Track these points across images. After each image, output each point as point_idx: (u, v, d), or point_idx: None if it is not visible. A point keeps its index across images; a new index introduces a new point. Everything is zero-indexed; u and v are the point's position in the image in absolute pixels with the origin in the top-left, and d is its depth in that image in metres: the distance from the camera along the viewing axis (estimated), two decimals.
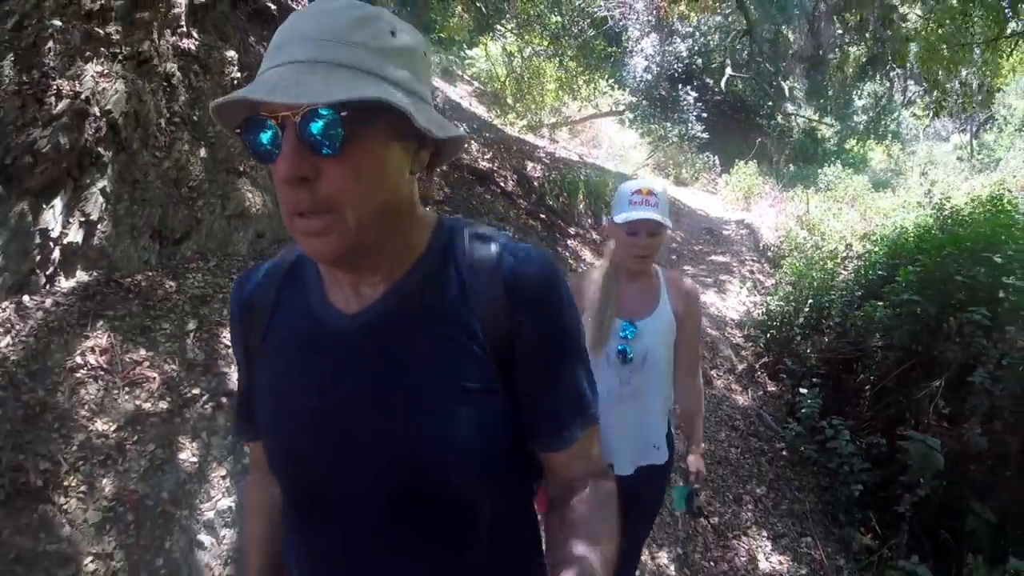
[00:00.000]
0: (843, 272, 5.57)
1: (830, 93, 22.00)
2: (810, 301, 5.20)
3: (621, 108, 14.24)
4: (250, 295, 0.88)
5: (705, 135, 17.46)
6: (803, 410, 4.26)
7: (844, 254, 5.79)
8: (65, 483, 1.93)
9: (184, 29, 3.83)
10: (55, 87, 2.80)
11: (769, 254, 8.77)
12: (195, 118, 3.52)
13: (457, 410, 0.77)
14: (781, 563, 3.20)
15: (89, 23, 3.08)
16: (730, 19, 16.99)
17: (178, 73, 3.53)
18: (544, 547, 0.85)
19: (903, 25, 7.14)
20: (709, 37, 18.80)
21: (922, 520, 3.55)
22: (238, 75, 4.07)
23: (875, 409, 4.14)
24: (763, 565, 3.15)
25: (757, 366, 5.40)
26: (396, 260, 0.79)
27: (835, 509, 3.81)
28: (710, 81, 19.24)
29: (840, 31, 13.95)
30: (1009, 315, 3.65)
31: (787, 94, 21.95)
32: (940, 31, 5.09)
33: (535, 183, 7.75)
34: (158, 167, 3.15)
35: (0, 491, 1.84)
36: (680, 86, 18.16)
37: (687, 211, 12.04)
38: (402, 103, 0.67)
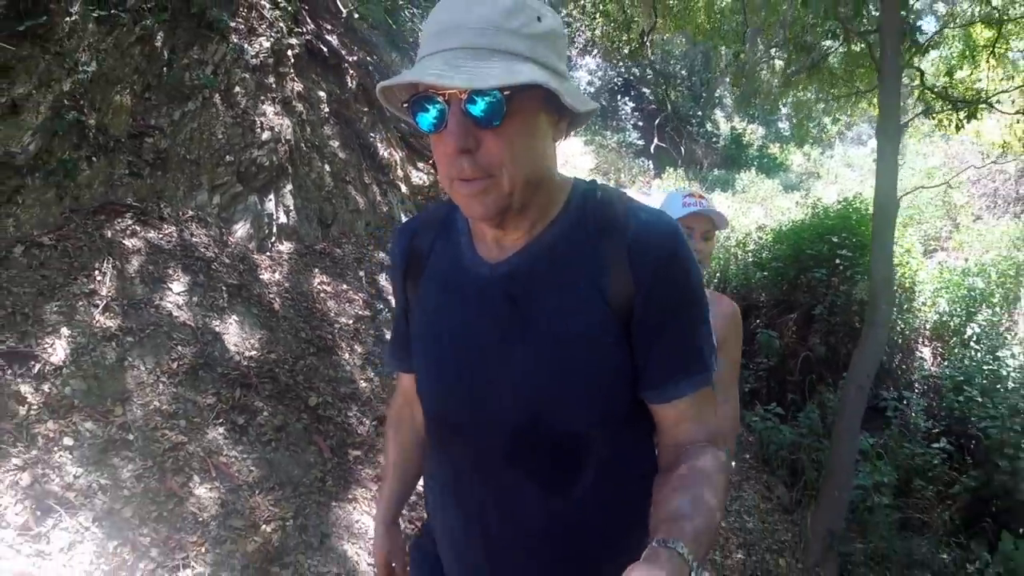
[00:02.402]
0: (741, 253, 7.94)
1: (757, 101, 24.99)
2: (717, 274, 7.52)
3: None
4: (410, 244, 1.06)
5: (640, 142, 19.96)
6: None
7: (743, 241, 8.15)
8: (340, 344, 3.80)
9: (292, 75, 5.62)
10: (259, 122, 4.58)
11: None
12: (316, 143, 5.33)
13: (578, 354, 0.90)
14: None
15: (255, 75, 4.86)
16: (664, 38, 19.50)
17: (303, 111, 5.33)
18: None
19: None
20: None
21: (791, 402, 5.80)
22: (327, 109, 5.86)
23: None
24: None
25: None
26: (536, 218, 0.93)
27: None
28: (646, 91, 21.79)
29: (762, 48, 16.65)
30: (840, 274, 5.97)
31: (717, 103, 24.82)
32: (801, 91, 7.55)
33: None
34: (308, 177, 4.97)
35: (313, 346, 3.69)
36: (619, 97, 20.62)
37: None
38: (552, 85, 0.79)
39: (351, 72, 6.94)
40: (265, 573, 2.47)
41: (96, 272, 3.08)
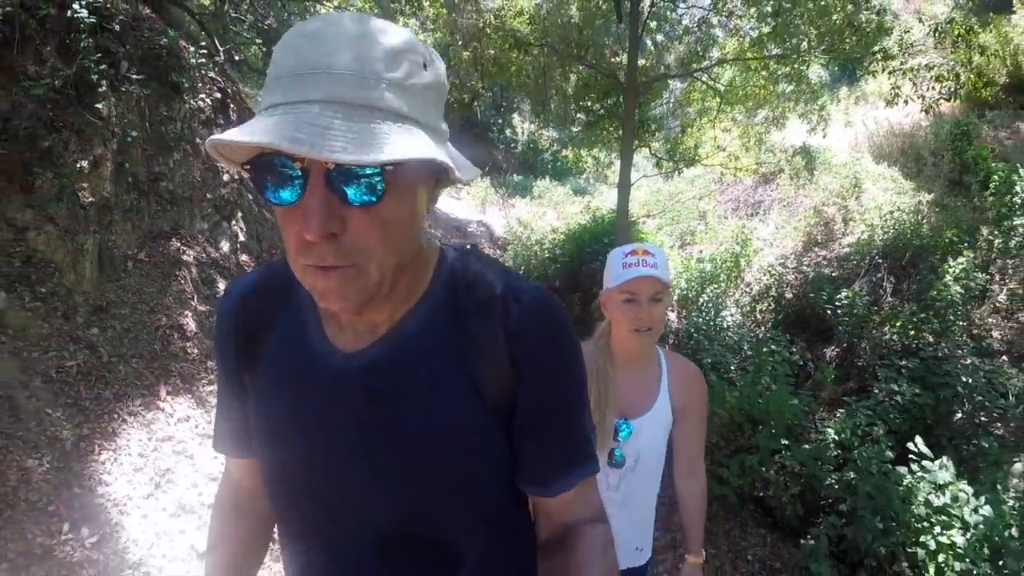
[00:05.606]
0: (539, 250, 11.41)
1: (552, 107, 28.67)
2: (522, 268, 10.91)
3: None
4: (244, 317, 0.96)
5: None
6: None
7: (540, 240, 11.64)
8: None
9: (220, 120, 7.86)
10: (219, 167, 6.90)
11: (499, 243, 14.16)
12: (239, 177, 7.66)
13: (450, 456, 0.85)
14: None
15: (206, 127, 7.14)
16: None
17: None
18: None
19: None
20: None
21: None
22: None
23: None
24: None
25: None
26: (401, 299, 0.86)
27: None
28: (451, 99, 24.80)
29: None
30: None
31: (516, 109, 28.40)
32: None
33: None
34: (244, 206, 7.35)
35: None
36: None
37: (442, 214, 16.70)
38: (446, 159, 0.70)
39: (232, 106, 9.12)
40: None
41: (179, 277, 5.43)
